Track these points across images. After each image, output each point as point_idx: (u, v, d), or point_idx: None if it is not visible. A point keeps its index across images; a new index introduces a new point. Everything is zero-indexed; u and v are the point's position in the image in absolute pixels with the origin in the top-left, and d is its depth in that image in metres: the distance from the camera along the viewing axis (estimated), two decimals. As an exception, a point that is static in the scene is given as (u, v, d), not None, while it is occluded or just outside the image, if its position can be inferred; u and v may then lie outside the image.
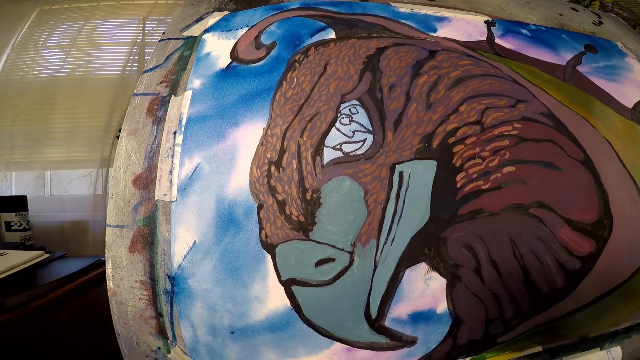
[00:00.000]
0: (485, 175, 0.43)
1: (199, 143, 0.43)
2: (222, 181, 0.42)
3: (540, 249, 0.42)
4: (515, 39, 0.54)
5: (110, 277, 0.41)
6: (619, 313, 0.45)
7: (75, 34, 1.07)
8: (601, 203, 0.45)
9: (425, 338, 0.41)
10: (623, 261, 0.44)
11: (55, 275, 0.63)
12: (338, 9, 0.52)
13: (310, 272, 0.40)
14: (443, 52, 0.49)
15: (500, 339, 0.42)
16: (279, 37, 0.49)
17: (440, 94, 0.46)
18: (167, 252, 0.41)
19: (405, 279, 0.40)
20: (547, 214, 0.43)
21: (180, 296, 0.40)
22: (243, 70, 0.46)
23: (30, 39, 1.07)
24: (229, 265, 0.40)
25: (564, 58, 0.54)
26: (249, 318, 0.40)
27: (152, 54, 0.50)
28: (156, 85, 0.47)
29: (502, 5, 0.60)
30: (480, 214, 0.42)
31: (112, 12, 1.09)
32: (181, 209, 0.41)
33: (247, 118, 0.44)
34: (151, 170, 0.43)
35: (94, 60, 1.05)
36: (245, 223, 0.41)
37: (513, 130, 0.45)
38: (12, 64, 1.05)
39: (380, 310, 0.40)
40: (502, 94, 0.47)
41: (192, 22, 0.52)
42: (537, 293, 0.42)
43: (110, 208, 0.42)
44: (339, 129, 0.43)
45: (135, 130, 0.45)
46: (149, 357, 0.42)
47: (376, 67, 0.47)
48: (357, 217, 0.41)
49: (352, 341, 0.40)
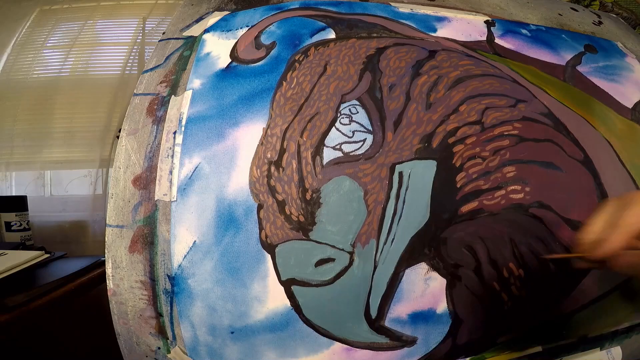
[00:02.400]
0: (486, 175, 0.43)
1: (199, 143, 0.43)
2: (222, 181, 0.42)
3: (541, 249, 0.42)
4: (515, 39, 0.54)
5: (110, 277, 0.41)
6: (619, 313, 0.45)
7: (75, 34, 1.07)
8: (601, 203, 0.45)
9: (425, 338, 0.41)
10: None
11: (55, 275, 0.62)
12: (338, 9, 0.52)
13: (310, 272, 0.40)
14: (443, 52, 0.49)
15: (500, 339, 0.42)
16: (279, 37, 0.49)
17: (440, 94, 0.46)
18: (167, 252, 0.41)
19: (405, 279, 0.40)
20: (547, 214, 0.43)
21: (180, 296, 0.40)
22: (243, 70, 0.46)
23: (30, 39, 1.07)
24: (229, 265, 0.40)
25: (564, 58, 0.54)
26: (248, 318, 0.40)
27: (152, 54, 0.50)
28: (156, 85, 0.47)
29: (502, 5, 0.60)
30: (480, 214, 0.42)
31: (112, 12, 1.09)
32: (181, 209, 0.41)
33: (247, 118, 0.44)
34: (151, 170, 0.43)
35: (94, 60, 1.05)
36: (245, 223, 0.41)
37: (513, 130, 0.45)
38: (12, 64, 1.05)
39: (380, 310, 0.40)
40: (502, 94, 0.47)
41: (192, 22, 0.52)
42: (537, 293, 0.42)
43: (110, 208, 0.42)
44: (338, 129, 0.43)
45: (135, 130, 0.45)
46: (149, 357, 0.42)
47: (376, 67, 0.47)
48: (357, 217, 0.41)
49: (352, 341, 0.40)
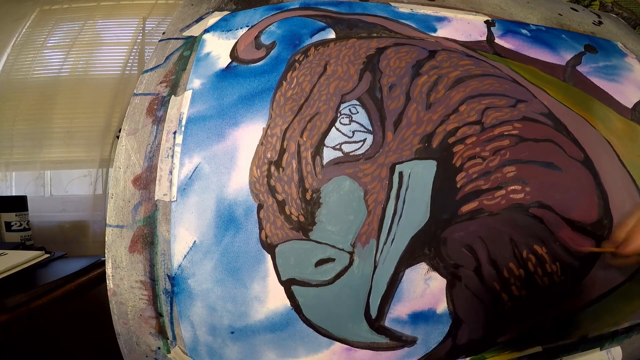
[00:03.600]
0: (486, 175, 0.43)
1: (199, 143, 0.43)
2: (222, 181, 0.42)
3: (541, 248, 0.42)
4: (515, 39, 0.54)
5: (110, 277, 0.41)
6: (619, 313, 0.45)
7: (75, 34, 1.07)
8: (601, 203, 0.45)
9: (425, 338, 0.41)
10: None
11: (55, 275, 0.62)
12: (338, 9, 0.52)
13: (310, 272, 0.40)
14: (443, 52, 0.49)
15: (500, 339, 0.42)
16: (278, 37, 0.49)
17: (440, 94, 0.46)
18: (167, 252, 0.41)
19: (405, 279, 0.40)
20: (547, 214, 0.43)
21: (180, 296, 0.40)
22: (243, 70, 0.46)
23: (30, 39, 1.07)
24: (229, 265, 0.40)
25: (564, 58, 0.54)
26: (248, 318, 0.40)
27: (152, 54, 0.50)
28: (156, 85, 0.47)
29: (502, 5, 0.60)
30: (480, 214, 0.42)
31: (112, 12, 1.09)
32: (181, 209, 0.41)
33: (247, 118, 0.44)
34: (151, 170, 0.43)
35: (94, 60, 1.05)
36: (245, 223, 0.41)
37: (513, 130, 0.45)
38: (12, 64, 1.05)
39: (380, 310, 0.40)
40: (502, 94, 0.47)
41: (192, 22, 0.52)
42: (537, 293, 0.42)
43: (110, 208, 0.42)
44: (338, 129, 0.43)
45: (135, 130, 0.45)
46: (149, 357, 0.42)
47: (376, 67, 0.47)
48: (357, 217, 0.41)
49: (352, 341, 0.40)
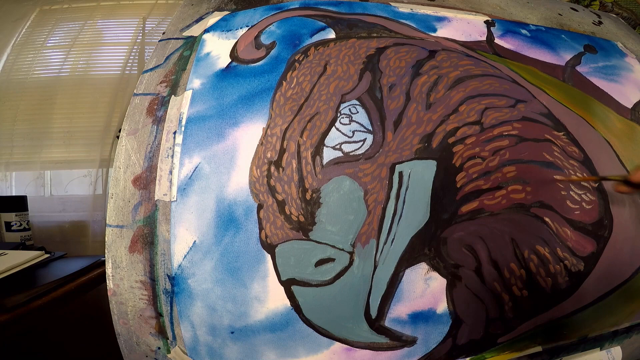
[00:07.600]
0: (486, 175, 0.43)
1: (199, 143, 0.43)
2: (222, 181, 0.42)
3: (543, 249, 0.42)
4: (515, 39, 0.54)
5: (110, 277, 0.41)
6: (619, 313, 0.45)
7: (75, 34, 1.07)
8: (601, 203, 0.45)
9: (425, 338, 0.41)
10: (624, 261, 0.45)
11: (55, 275, 0.62)
12: (338, 9, 0.52)
13: (310, 272, 0.40)
14: (443, 52, 0.49)
15: (500, 339, 0.42)
16: (278, 37, 0.49)
17: (440, 94, 0.46)
18: (167, 252, 0.41)
19: (405, 279, 0.40)
20: (549, 214, 0.43)
21: (180, 296, 0.40)
22: (243, 70, 0.46)
23: (30, 39, 1.07)
24: (229, 265, 0.40)
25: (564, 58, 0.54)
26: (248, 318, 0.40)
27: (152, 54, 0.50)
28: (156, 85, 0.47)
29: (502, 5, 0.60)
30: (480, 213, 0.42)
31: (112, 12, 1.09)
32: (181, 209, 0.41)
33: (246, 118, 0.44)
34: (151, 170, 0.43)
35: (94, 60, 1.05)
36: (245, 223, 0.41)
37: (513, 130, 0.45)
38: (12, 64, 1.05)
39: (380, 310, 0.40)
40: (501, 94, 0.47)
41: (192, 22, 0.52)
42: (538, 293, 0.42)
43: (110, 208, 0.42)
44: (338, 129, 0.43)
45: (135, 130, 0.45)
46: (149, 357, 0.42)
47: (376, 66, 0.47)
48: (357, 217, 0.41)
49: (352, 341, 0.40)
